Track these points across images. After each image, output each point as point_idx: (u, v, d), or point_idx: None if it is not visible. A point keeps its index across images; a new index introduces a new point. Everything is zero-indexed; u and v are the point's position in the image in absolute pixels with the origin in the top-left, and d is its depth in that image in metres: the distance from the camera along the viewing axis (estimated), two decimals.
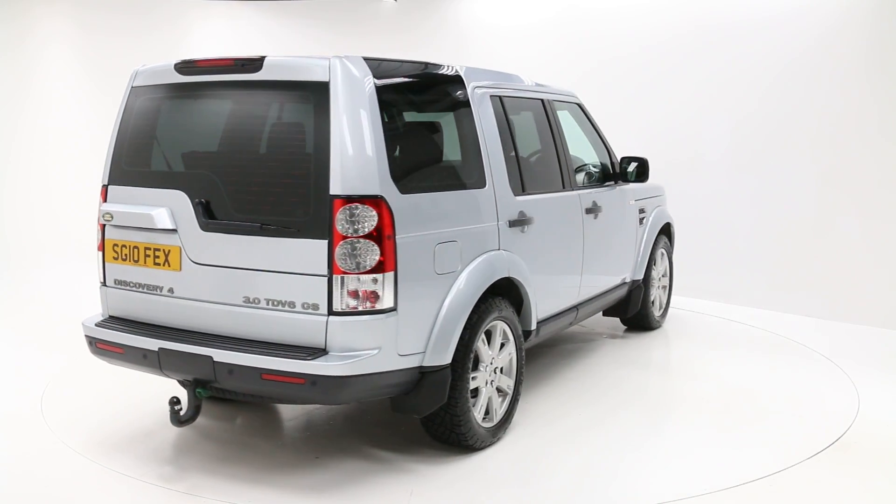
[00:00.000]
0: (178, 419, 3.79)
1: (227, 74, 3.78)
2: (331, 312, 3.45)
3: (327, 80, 3.50)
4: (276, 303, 3.58)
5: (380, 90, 3.60)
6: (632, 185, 5.93)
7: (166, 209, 3.83)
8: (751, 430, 4.50)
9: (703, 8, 8.06)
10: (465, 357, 3.87)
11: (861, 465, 4.03)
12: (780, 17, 7.45)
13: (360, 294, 3.44)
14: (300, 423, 4.58)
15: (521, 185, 4.48)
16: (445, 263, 3.79)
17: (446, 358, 3.75)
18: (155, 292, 3.93)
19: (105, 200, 4.14)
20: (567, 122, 5.56)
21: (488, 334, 4.12)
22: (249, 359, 3.51)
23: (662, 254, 6.55)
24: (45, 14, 10.23)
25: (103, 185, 4.18)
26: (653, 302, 6.42)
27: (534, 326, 4.53)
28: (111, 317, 4.16)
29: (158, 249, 3.90)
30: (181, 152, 4.03)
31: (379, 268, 3.43)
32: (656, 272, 6.42)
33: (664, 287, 6.70)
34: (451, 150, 4.15)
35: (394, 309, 3.51)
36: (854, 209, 7.08)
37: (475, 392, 4.06)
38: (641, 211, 6.14)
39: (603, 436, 4.39)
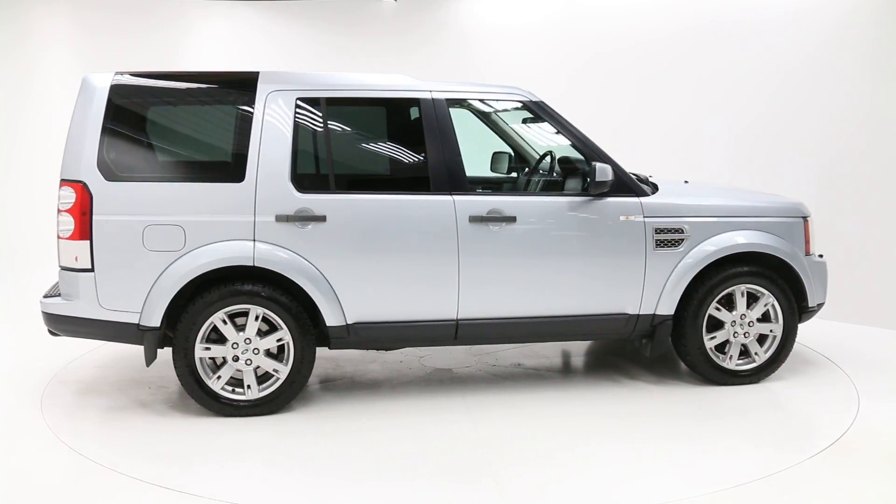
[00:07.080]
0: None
1: None
2: (60, 266, 4.54)
3: (78, 91, 4.59)
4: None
5: (115, 100, 4.56)
6: (652, 199, 5.00)
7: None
8: (751, 430, 4.50)
9: (705, 8, 8.06)
10: (189, 328, 4.54)
11: (861, 465, 4.03)
12: (781, 19, 7.45)
13: (69, 254, 4.48)
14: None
15: (322, 183, 4.73)
16: (160, 243, 4.48)
17: (154, 322, 4.51)
18: None
19: None
20: (505, 123, 5.67)
21: (242, 315, 4.61)
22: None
23: (758, 293, 5.14)
24: (44, 15, 10.24)
25: None
26: (718, 349, 5.16)
27: (335, 324, 4.66)
28: None
29: None
30: None
31: (77, 236, 4.42)
32: (732, 315, 5.12)
33: (763, 336, 5.23)
34: (192, 148, 4.82)
35: (90, 269, 4.45)
36: (854, 209, 7.07)
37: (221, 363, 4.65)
38: (665, 231, 4.96)
39: (596, 437, 4.39)
